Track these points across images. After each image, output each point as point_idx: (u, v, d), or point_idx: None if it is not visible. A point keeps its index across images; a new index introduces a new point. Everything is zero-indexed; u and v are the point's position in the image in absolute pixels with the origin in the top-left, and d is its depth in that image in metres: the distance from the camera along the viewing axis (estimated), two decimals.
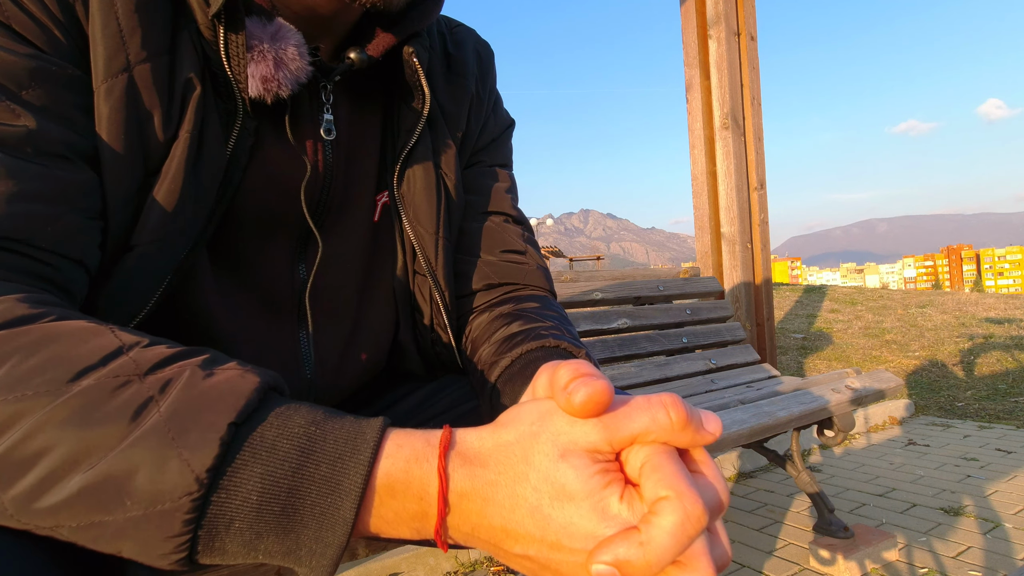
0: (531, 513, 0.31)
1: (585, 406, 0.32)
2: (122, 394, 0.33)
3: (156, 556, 0.32)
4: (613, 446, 0.33)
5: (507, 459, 0.33)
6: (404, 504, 0.34)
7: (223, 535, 0.32)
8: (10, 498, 0.32)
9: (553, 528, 0.31)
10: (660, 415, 0.32)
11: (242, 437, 0.33)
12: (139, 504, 0.31)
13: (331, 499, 0.33)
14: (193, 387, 0.34)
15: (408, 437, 0.35)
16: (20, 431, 0.31)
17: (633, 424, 0.32)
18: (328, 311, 0.66)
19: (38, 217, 0.41)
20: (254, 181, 0.57)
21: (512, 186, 0.76)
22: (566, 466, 0.31)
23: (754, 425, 1.43)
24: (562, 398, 0.33)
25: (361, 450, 0.33)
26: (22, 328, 0.35)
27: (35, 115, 0.43)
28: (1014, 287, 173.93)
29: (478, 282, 0.70)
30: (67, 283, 0.44)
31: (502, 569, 1.78)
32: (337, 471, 0.33)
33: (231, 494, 0.32)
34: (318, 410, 0.36)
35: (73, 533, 0.32)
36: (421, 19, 0.61)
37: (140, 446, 0.31)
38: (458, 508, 0.33)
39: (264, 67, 0.52)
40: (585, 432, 0.33)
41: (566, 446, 0.32)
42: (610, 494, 0.31)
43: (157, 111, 0.49)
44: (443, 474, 0.33)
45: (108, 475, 0.31)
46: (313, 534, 0.33)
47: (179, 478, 0.31)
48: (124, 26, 0.47)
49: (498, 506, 0.32)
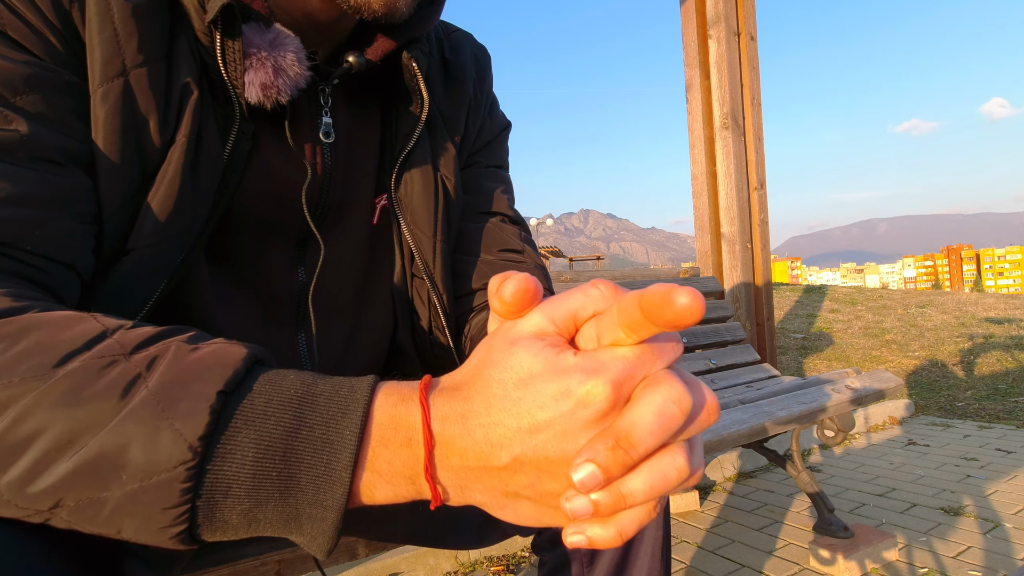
0: (502, 404, 0.32)
1: (515, 296, 0.33)
2: (109, 373, 0.33)
3: (156, 531, 0.32)
4: (556, 323, 0.33)
5: (474, 375, 0.34)
6: (395, 451, 0.34)
7: (221, 505, 0.33)
8: (5, 483, 0.32)
9: (524, 407, 0.31)
10: (591, 289, 0.34)
11: (232, 405, 0.33)
12: (135, 477, 0.31)
13: (326, 459, 0.33)
14: (179, 361, 0.34)
15: (395, 386, 0.36)
16: (9, 416, 0.32)
17: (569, 302, 0.34)
18: (327, 314, 0.66)
19: (26, 220, 0.42)
20: (252, 185, 0.57)
21: (508, 187, 0.77)
22: (517, 348, 0.32)
23: (754, 425, 1.44)
24: (496, 302, 0.34)
25: (353, 409, 0.34)
26: (5, 319, 0.35)
27: (28, 120, 0.43)
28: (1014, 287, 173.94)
29: (477, 281, 0.71)
30: (56, 287, 0.44)
31: (502, 569, 1.78)
32: (331, 431, 0.33)
33: (226, 461, 0.32)
34: (307, 374, 0.36)
35: (71, 514, 0.32)
36: (421, 25, 0.61)
37: (131, 421, 0.32)
38: (442, 435, 0.33)
39: (263, 74, 0.53)
40: (527, 320, 0.34)
41: (514, 336, 0.33)
42: (564, 356, 0.32)
43: (153, 116, 0.49)
44: (424, 403, 0.34)
45: (101, 452, 0.31)
46: (311, 498, 0.33)
47: (173, 448, 0.31)
48: (120, 31, 0.47)
49: (475, 415, 0.32)
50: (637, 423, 0.29)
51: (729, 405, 1.60)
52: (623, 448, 0.29)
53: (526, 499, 0.33)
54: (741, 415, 1.48)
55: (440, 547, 0.76)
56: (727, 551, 1.84)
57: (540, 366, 0.31)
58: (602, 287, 0.34)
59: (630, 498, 0.30)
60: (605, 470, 0.29)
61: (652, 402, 0.30)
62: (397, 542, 0.78)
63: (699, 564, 1.78)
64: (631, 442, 0.29)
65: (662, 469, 0.31)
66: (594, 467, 0.29)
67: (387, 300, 0.71)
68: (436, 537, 0.73)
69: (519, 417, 0.31)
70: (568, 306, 0.33)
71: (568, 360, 0.31)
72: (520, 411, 0.31)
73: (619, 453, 0.29)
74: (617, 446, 0.29)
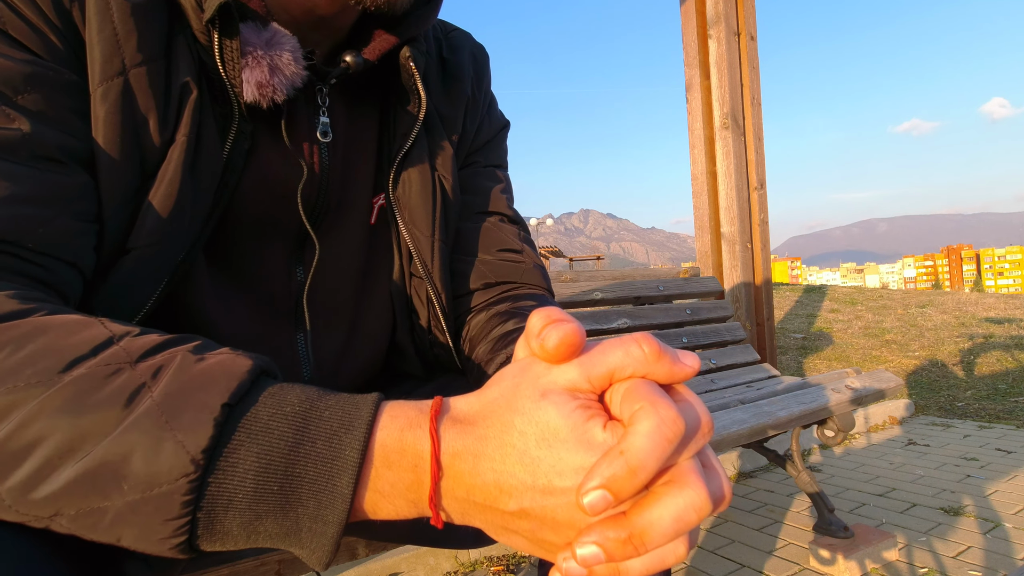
0: (520, 459, 0.31)
1: (558, 348, 0.32)
2: (114, 381, 0.33)
3: (156, 541, 0.32)
4: (592, 382, 0.33)
5: (493, 413, 0.33)
6: (399, 474, 0.34)
7: (222, 517, 0.32)
8: (7, 489, 0.32)
9: (543, 469, 0.31)
10: (633, 348, 0.33)
11: (236, 417, 0.33)
12: (136, 488, 0.31)
13: (328, 475, 0.33)
14: (185, 371, 0.34)
15: (401, 408, 0.35)
16: (13, 422, 0.31)
17: (608, 359, 0.33)
18: (326, 313, 0.66)
19: (29, 219, 0.42)
20: (251, 184, 0.58)
21: (507, 186, 0.77)
22: (547, 403, 0.32)
23: (754, 425, 1.43)
24: (536, 344, 0.33)
25: (356, 426, 0.34)
26: (12, 322, 0.35)
27: (29, 119, 0.43)
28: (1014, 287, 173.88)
29: (475, 281, 0.70)
30: (60, 284, 0.44)
31: (502, 569, 1.78)
32: (333, 447, 0.33)
33: (228, 474, 0.32)
34: (312, 389, 0.36)
35: (72, 522, 0.32)
36: (418, 24, 0.61)
37: (134, 431, 0.31)
38: (451, 469, 0.33)
39: (259, 73, 0.53)
40: (563, 372, 0.33)
41: (546, 387, 0.32)
42: (593, 425, 0.31)
43: (153, 114, 0.49)
44: (435, 435, 0.33)
45: (104, 461, 0.31)
46: (312, 512, 0.33)
47: (175, 460, 0.31)
48: (120, 30, 0.47)
49: (488, 459, 0.32)
50: (655, 525, 0.30)
51: (729, 405, 1.60)
52: (634, 544, 0.30)
53: (524, 539, 0.34)
54: (741, 415, 1.48)
55: (440, 547, 0.76)
56: (727, 551, 1.84)
57: (567, 431, 0.31)
58: (646, 348, 0.33)
59: (626, 575, 0.31)
60: (609, 556, 0.30)
61: (673, 506, 0.30)
62: (397, 542, 0.78)
63: (699, 564, 1.78)
64: (643, 541, 0.30)
65: (662, 555, 0.31)
66: (599, 550, 0.30)
67: (386, 300, 0.71)
68: (436, 537, 0.73)
69: (535, 476, 0.31)
70: (607, 364, 0.33)
71: (597, 435, 0.31)
72: (537, 471, 0.31)
73: (628, 548, 0.30)
74: (629, 541, 0.30)
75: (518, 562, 1.82)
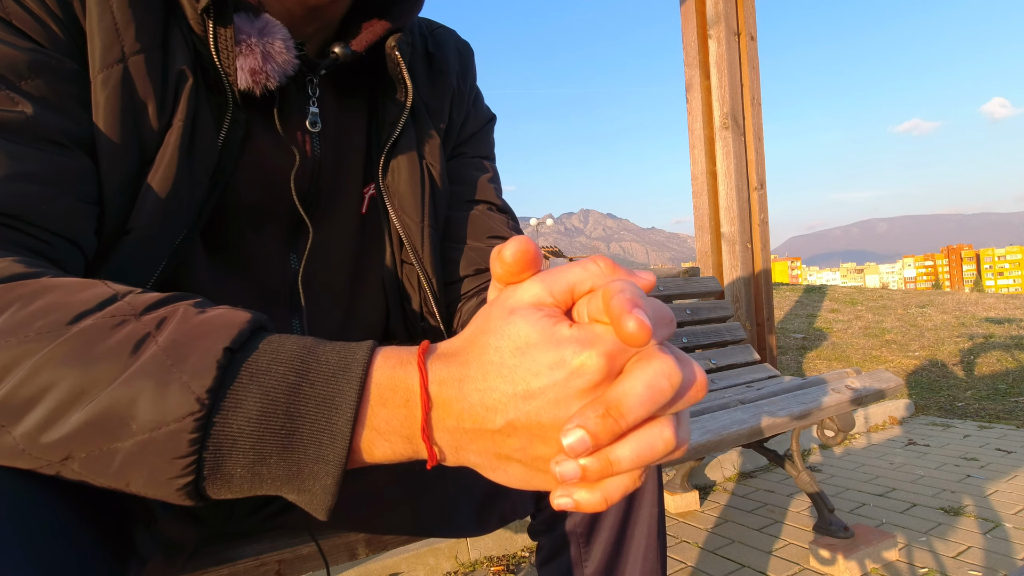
0: (499, 371, 0.33)
1: (515, 257, 0.34)
2: (120, 332, 0.34)
3: (164, 481, 0.34)
4: (554, 296, 0.34)
5: (472, 341, 0.35)
6: (393, 411, 0.35)
7: (227, 458, 0.34)
8: (20, 434, 0.33)
9: (520, 375, 0.32)
10: (590, 265, 0.35)
11: (238, 362, 0.34)
12: (144, 427, 0.33)
13: (327, 414, 0.34)
14: (187, 321, 0.35)
15: (394, 350, 0.37)
16: (24, 370, 0.33)
17: (568, 275, 0.34)
18: (320, 301, 0.68)
19: (33, 196, 0.43)
20: (246, 171, 0.60)
21: (495, 176, 0.79)
22: (515, 317, 0.33)
23: (754, 425, 1.44)
24: (497, 265, 0.35)
25: (353, 368, 0.35)
26: (20, 281, 0.36)
27: (33, 104, 0.45)
28: (1014, 287, 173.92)
29: (466, 268, 0.72)
30: (61, 261, 0.45)
31: (502, 569, 1.78)
32: (331, 388, 0.35)
33: (232, 414, 0.33)
34: (309, 338, 0.37)
35: (83, 466, 0.34)
36: (403, 15, 0.64)
37: (141, 375, 0.33)
38: (439, 398, 0.34)
39: (252, 60, 0.55)
40: (526, 289, 0.35)
41: (513, 305, 0.34)
42: (560, 327, 0.33)
43: (151, 100, 0.51)
44: (423, 368, 0.35)
45: (112, 404, 0.33)
46: (313, 453, 0.34)
47: (181, 399, 0.32)
48: (119, 19, 0.49)
49: (471, 380, 0.34)
50: (628, 393, 0.31)
51: (729, 405, 1.60)
52: (613, 417, 0.31)
53: (518, 462, 0.35)
54: (741, 415, 1.48)
55: (441, 535, 0.77)
56: (727, 551, 1.84)
57: (537, 335, 0.33)
58: (601, 263, 0.35)
59: (617, 465, 0.32)
60: (594, 436, 0.31)
61: (643, 375, 0.31)
62: (398, 533, 0.78)
63: (699, 564, 1.78)
64: (620, 411, 0.31)
65: (649, 439, 0.32)
66: (584, 433, 0.31)
67: (379, 286, 0.73)
68: (436, 525, 0.74)
69: (514, 383, 0.33)
70: (567, 279, 0.34)
71: (564, 331, 0.33)
72: (516, 378, 0.32)
73: (608, 421, 0.31)
74: (607, 414, 0.31)
75: (518, 562, 1.82)
